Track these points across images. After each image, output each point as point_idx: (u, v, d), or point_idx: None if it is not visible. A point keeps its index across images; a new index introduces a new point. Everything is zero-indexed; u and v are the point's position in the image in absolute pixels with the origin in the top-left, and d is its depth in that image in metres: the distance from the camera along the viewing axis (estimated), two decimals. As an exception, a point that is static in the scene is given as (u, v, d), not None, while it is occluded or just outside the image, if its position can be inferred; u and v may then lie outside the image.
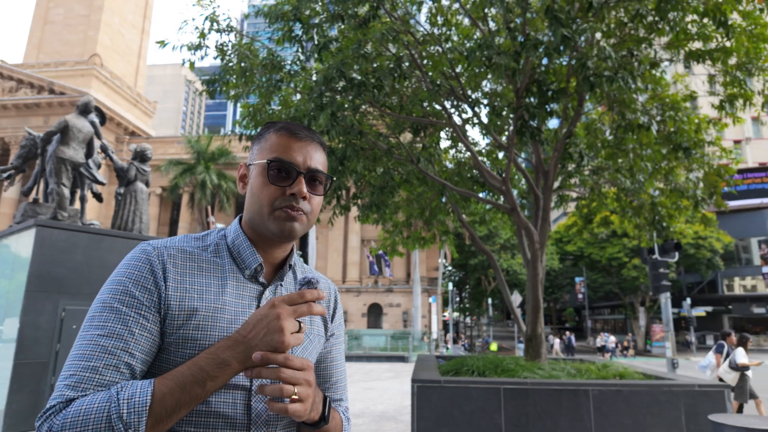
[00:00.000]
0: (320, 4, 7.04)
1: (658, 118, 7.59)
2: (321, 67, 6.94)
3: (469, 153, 9.33)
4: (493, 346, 31.17)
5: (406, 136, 10.01)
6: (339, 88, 7.04)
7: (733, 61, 7.23)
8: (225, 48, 7.52)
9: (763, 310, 38.60)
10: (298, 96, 7.85)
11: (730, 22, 6.34)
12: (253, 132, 8.07)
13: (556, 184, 9.48)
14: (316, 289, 0.93)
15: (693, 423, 5.51)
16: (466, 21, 8.46)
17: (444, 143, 10.67)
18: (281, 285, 1.10)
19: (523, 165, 9.95)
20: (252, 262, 1.04)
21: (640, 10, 6.05)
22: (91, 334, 0.88)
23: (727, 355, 8.94)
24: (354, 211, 19.93)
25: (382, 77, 6.84)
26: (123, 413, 0.79)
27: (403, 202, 10.65)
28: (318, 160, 1.07)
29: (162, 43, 7.35)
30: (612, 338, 32.65)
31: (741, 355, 8.52)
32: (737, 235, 39.06)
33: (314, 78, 6.98)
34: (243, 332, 0.88)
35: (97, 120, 7.51)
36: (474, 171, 9.94)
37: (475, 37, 8.24)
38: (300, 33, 6.99)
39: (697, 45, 7.32)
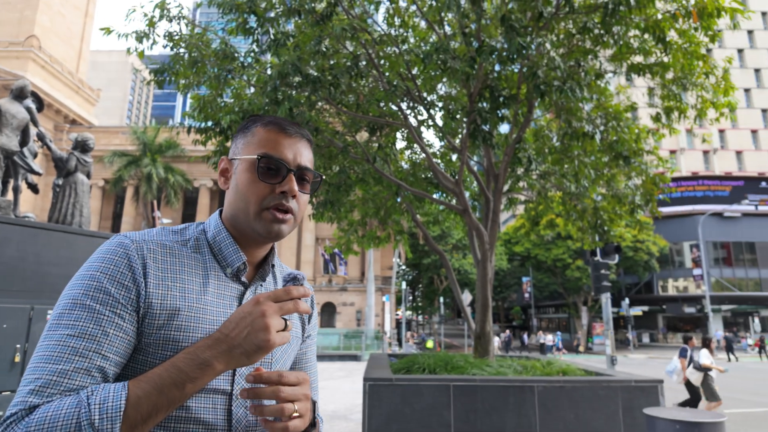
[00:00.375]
0: (277, -3, 6.91)
1: (602, 127, 7.97)
2: (276, 62, 6.83)
3: (424, 154, 9.45)
4: (429, 344, 31.75)
5: (363, 135, 10.01)
6: (295, 84, 6.94)
7: (670, 75, 7.70)
8: (175, 37, 7.25)
9: (693, 310, 41.35)
10: (252, 90, 7.69)
11: (668, 39, 6.76)
12: (203, 125, 7.83)
13: (505, 188, 9.77)
14: (302, 286, 0.89)
15: (629, 416, 5.84)
16: (423, 24, 8.56)
17: (400, 144, 10.76)
18: (262, 285, 1.06)
19: (475, 168, 10.20)
20: (235, 260, 0.99)
21: (587, 23, 6.34)
22: (59, 334, 0.81)
23: (691, 358, 9.35)
24: (309, 209, 19.71)
25: (339, 75, 6.81)
26: (95, 419, 0.73)
27: (358, 201, 10.64)
28: (307, 157, 1.04)
29: (107, 31, 6.99)
30: (549, 336, 33.95)
31: (705, 356, 8.92)
32: (671, 239, 41.66)
33: (269, 72, 6.85)
34: (225, 330, 0.83)
35: (33, 106, 7.04)
36: (428, 172, 10.08)
37: (431, 40, 8.35)
38: (255, 26, 6.84)
39: (638, 59, 7.75)
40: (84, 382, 0.79)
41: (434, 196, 10.24)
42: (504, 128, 11.26)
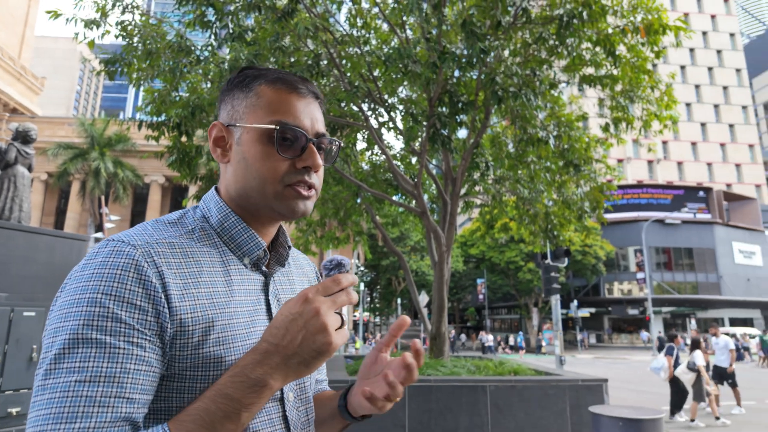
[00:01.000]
0: (237, -9, 6.76)
1: (555, 133, 8.27)
2: (233, 56, 6.68)
3: (384, 156, 9.49)
4: (357, 344, 32.14)
5: (322, 135, 9.93)
6: (254, 81, 6.81)
7: (618, 87, 8.09)
8: (129, 27, 6.96)
9: (636, 312, 43.50)
10: (209, 84, 7.49)
11: (617, 53, 7.11)
12: (157, 119, 7.55)
13: (462, 191, 9.95)
14: (349, 273, 0.76)
15: (576, 414, 6.07)
16: (385, 26, 8.61)
17: (360, 145, 10.75)
18: (280, 271, 0.94)
19: (434, 171, 10.34)
20: (253, 248, 0.85)
21: (543, 33, 6.56)
22: (65, 382, 0.62)
23: (677, 356, 9.64)
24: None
25: (300, 73, 6.74)
26: None
27: (318, 200, 10.55)
28: (322, 121, 0.90)
29: (55, 14, 6.62)
30: (490, 337, 34.78)
31: (699, 357, 9.17)
32: (617, 244, 43.67)
33: (226, 66, 6.69)
34: (273, 339, 0.68)
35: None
36: (388, 174, 10.13)
37: (393, 43, 8.41)
38: (213, 19, 6.67)
39: (589, 70, 8.10)
40: None
41: (394, 197, 10.31)
42: (462, 133, 11.49)
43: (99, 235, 25.59)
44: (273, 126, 0.82)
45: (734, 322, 43.32)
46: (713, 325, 12.08)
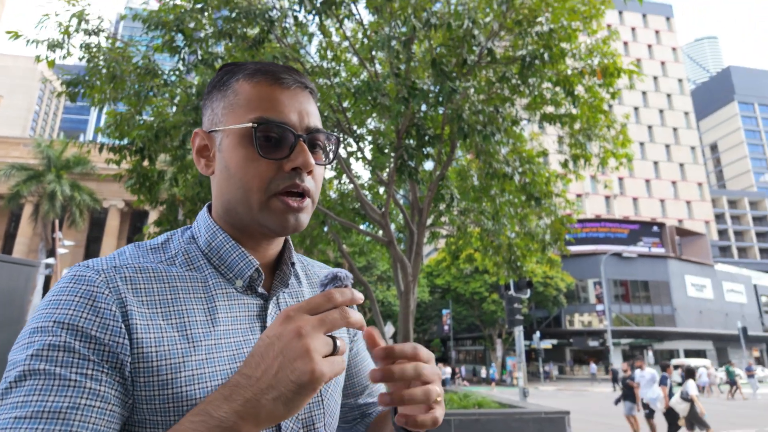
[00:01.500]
0: (207, 18, 6.81)
1: (520, 170, 8.55)
2: (202, 81, 6.66)
3: (352, 185, 9.53)
4: None
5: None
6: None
7: (577, 126, 8.48)
8: (93, 49, 6.85)
9: (596, 343, 44.35)
10: (174, 108, 7.41)
11: (576, 93, 7.49)
12: (119, 142, 7.38)
13: (429, 221, 10.07)
14: (348, 288, 0.61)
15: (537, 446, 6.06)
16: (355, 60, 8.79)
17: (329, 174, 10.78)
18: (285, 292, 0.81)
19: (401, 201, 10.45)
20: (244, 268, 0.73)
21: (506, 72, 6.86)
22: (5, 419, 0.53)
23: (671, 386, 9.67)
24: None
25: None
26: None
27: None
28: (316, 115, 0.77)
29: (15, 35, 6.46)
30: (447, 369, 34.65)
31: (692, 387, 9.11)
32: (577, 276, 44.80)
33: (193, 91, 6.66)
34: (247, 370, 0.56)
35: None
36: (356, 203, 10.16)
37: (362, 76, 8.58)
38: (182, 45, 6.66)
39: (550, 109, 8.48)
40: None
41: (361, 227, 10.31)
42: (429, 165, 11.71)
43: (50, 260, 24.37)
44: (250, 124, 0.70)
45: (688, 353, 44.73)
46: (639, 359, 12.32)
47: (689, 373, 9.56)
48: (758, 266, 63.75)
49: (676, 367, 26.21)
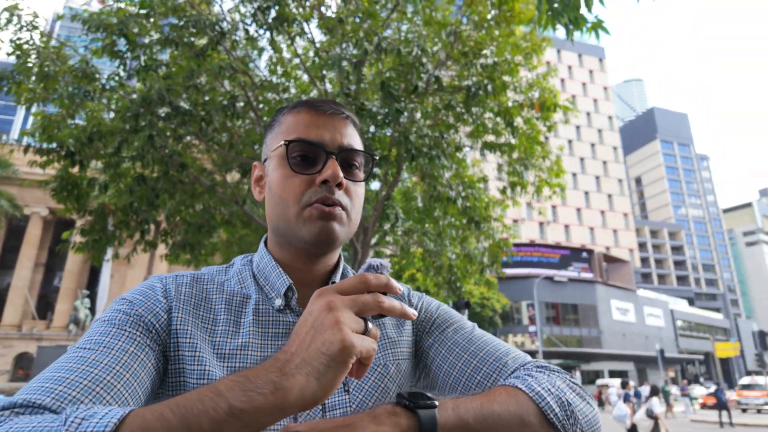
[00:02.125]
0: (153, 24, 6.61)
1: (462, 194, 8.84)
2: (143, 88, 6.43)
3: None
4: None
5: (234, 176, 9.70)
6: (162, 114, 6.56)
7: (515, 155, 8.92)
8: (24, 45, 6.45)
9: (528, 363, 45.76)
10: (112, 114, 7.08)
11: (515, 124, 7.90)
12: (46, 145, 6.93)
13: (373, 240, 10.14)
14: (385, 276, 0.60)
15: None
16: (305, 77, 8.82)
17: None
18: None
19: (346, 219, 10.45)
20: (280, 286, 0.78)
21: (452, 101, 7.14)
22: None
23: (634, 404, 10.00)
24: (162, 249, 18.14)
25: (214, 112, 6.63)
26: None
27: (222, 244, 10.12)
28: (352, 137, 0.81)
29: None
30: None
31: (656, 405, 9.40)
32: (512, 298, 46.37)
33: (134, 97, 6.40)
34: (285, 347, 0.56)
35: None
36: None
37: (312, 93, 8.61)
38: (124, 49, 6.42)
39: (491, 138, 8.87)
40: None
41: (302, 244, 10.20)
42: (375, 185, 11.84)
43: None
44: (284, 142, 0.77)
45: (612, 374, 47.21)
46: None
47: (653, 391, 10.06)
48: (675, 292, 68.89)
49: (605, 386, 27.48)
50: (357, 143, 0.81)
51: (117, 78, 6.83)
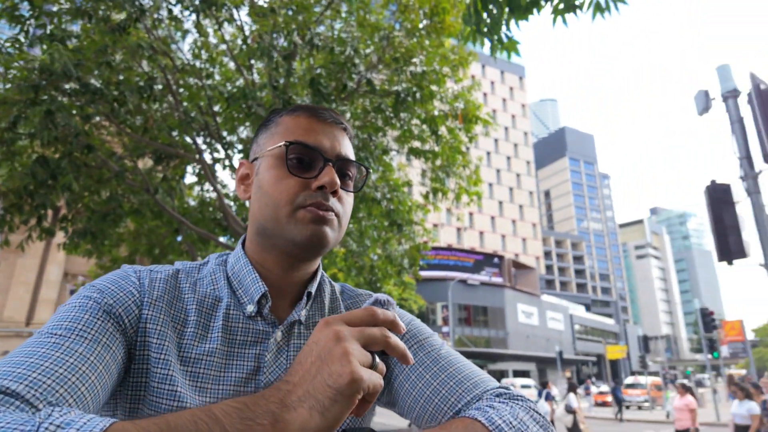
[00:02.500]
0: (63, -10, 6.03)
1: (388, 196, 8.98)
2: (46, 59, 5.84)
3: (215, 194, 9.05)
4: None
5: (146, 162, 9.09)
6: (69, 90, 6.01)
7: (438, 162, 9.22)
8: None
9: (439, 363, 47.40)
10: (8, 86, 6.35)
11: (440, 133, 8.17)
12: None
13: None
14: (391, 312, 0.58)
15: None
16: (232, 65, 8.50)
17: (190, 178, 10.10)
18: (301, 323, 0.78)
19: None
20: (254, 292, 0.75)
21: (381, 104, 7.23)
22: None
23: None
24: (60, 237, 16.60)
25: (128, 92, 6.18)
26: None
27: (128, 234, 9.45)
28: (348, 147, 0.81)
29: None
30: None
31: (574, 400, 10.18)
32: (428, 299, 47.81)
33: (36, 66, 5.79)
34: (287, 376, 0.53)
35: None
36: (218, 213, 9.64)
37: (238, 82, 8.32)
38: (27, 15, 5.80)
39: (417, 144, 9.11)
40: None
41: (221, 239, 9.79)
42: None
43: None
44: (283, 144, 0.75)
45: (516, 373, 50.23)
46: None
47: (571, 387, 10.89)
48: (574, 299, 74.78)
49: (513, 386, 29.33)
50: (352, 154, 0.82)
51: (17, 45, 6.14)
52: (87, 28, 6.31)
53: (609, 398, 26.97)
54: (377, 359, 0.55)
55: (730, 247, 5.95)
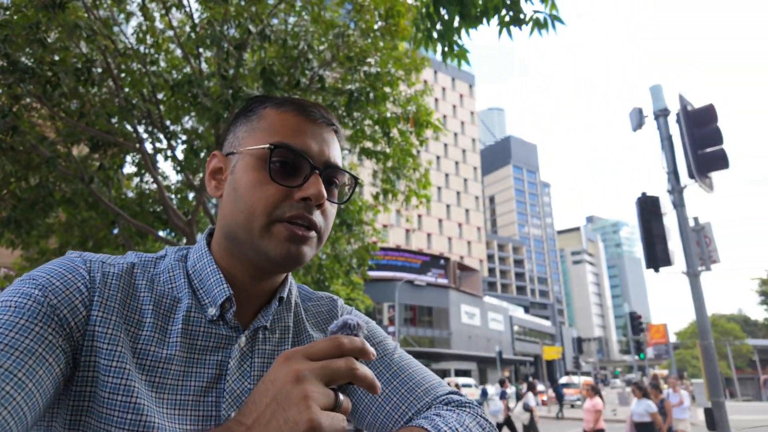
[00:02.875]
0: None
1: (335, 195, 8.94)
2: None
3: (156, 185, 8.66)
4: None
5: (82, 150, 8.56)
6: (-5, 68, 5.56)
7: (389, 164, 9.29)
8: None
9: (383, 363, 47.71)
10: None
11: (391, 135, 8.23)
12: None
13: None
14: (358, 338, 0.53)
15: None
16: (179, 52, 8.17)
17: (129, 168, 9.59)
18: (267, 329, 0.72)
19: (213, 211, 9.88)
20: (217, 294, 0.67)
21: (334, 102, 7.18)
22: None
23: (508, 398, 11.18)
24: (-21, 225, 15.33)
25: (63, 74, 5.80)
26: None
27: (59, 225, 8.86)
28: (337, 152, 0.73)
29: None
30: None
31: (532, 399, 10.60)
32: (375, 299, 47.95)
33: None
34: (240, 417, 0.49)
35: None
36: (158, 206, 9.22)
37: (185, 70, 8.00)
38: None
39: (369, 144, 9.13)
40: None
41: (160, 233, 9.37)
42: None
43: None
44: (267, 146, 0.67)
45: (458, 372, 51.40)
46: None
47: (531, 387, 11.37)
48: (514, 300, 77.53)
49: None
50: (341, 159, 0.75)
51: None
52: (18, 2, 5.87)
53: (545, 397, 28.18)
54: (341, 397, 0.51)
55: (657, 256, 6.36)
